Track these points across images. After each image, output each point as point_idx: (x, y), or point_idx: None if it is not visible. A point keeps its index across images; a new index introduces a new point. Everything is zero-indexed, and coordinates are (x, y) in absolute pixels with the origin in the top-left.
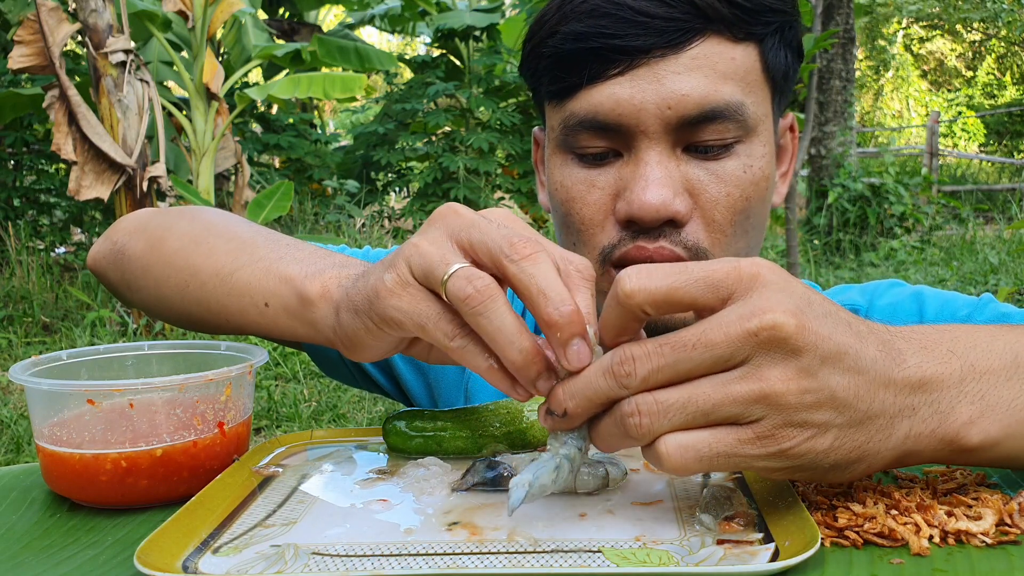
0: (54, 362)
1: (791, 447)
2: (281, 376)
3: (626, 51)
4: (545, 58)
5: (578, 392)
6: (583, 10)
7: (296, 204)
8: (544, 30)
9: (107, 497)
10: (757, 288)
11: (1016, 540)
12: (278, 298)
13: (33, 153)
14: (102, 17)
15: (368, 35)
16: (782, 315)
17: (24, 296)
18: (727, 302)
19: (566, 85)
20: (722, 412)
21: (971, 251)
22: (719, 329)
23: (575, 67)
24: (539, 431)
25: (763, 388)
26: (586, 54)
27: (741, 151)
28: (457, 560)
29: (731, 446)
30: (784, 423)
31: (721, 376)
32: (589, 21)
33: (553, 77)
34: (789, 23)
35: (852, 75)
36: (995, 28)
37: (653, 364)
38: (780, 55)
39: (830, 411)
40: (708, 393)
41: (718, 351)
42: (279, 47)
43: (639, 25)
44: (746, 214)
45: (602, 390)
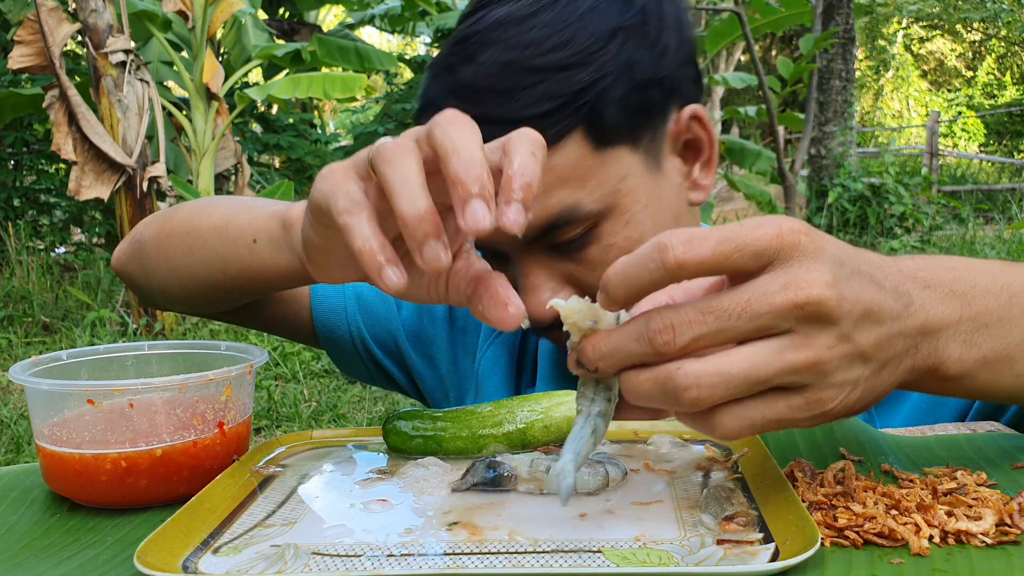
0: (54, 362)
1: (832, 408)
2: (281, 376)
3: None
4: None
5: (609, 355)
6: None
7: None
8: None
9: (107, 497)
10: (797, 257)
11: (1016, 540)
12: (265, 231)
13: (33, 153)
14: (102, 17)
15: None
16: (825, 289)
17: (24, 296)
18: (766, 269)
19: None
20: (776, 381)
21: (971, 251)
22: (763, 300)
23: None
24: (539, 431)
25: (813, 357)
26: None
27: (602, 233)
28: (457, 560)
29: (782, 413)
30: (827, 386)
31: (771, 345)
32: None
33: None
34: (599, 92)
35: (852, 75)
36: (995, 28)
37: (695, 332)
38: (612, 113)
39: (861, 367)
40: (766, 364)
41: (762, 321)
42: (279, 47)
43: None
44: None
45: (636, 354)
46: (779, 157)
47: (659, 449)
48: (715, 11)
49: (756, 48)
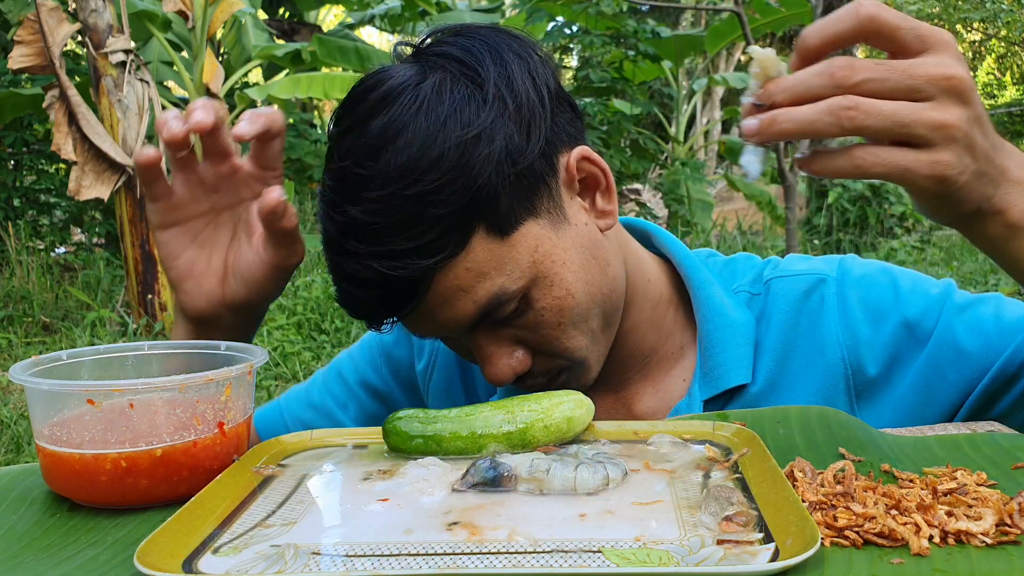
0: (54, 362)
1: (947, 173)
2: (281, 376)
3: (379, 320)
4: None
5: (790, 88)
6: (336, 290)
7: (296, 204)
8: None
9: (107, 497)
10: (949, 52)
11: (1016, 540)
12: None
13: (33, 153)
14: (102, 17)
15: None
16: (966, 77)
17: (24, 296)
18: (922, 53)
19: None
20: (914, 130)
21: (971, 251)
22: (922, 67)
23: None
24: (539, 431)
25: (947, 119)
26: (356, 318)
27: (532, 299)
28: (457, 560)
29: (909, 162)
30: (948, 151)
31: (917, 104)
32: (338, 298)
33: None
34: (486, 194)
35: None
36: (995, 28)
37: (867, 75)
38: (505, 202)
39: (970, 158)
40: (910, 111)
41: (916, 83)
42: (279, 47)
43: (374, 307)
44: (571, 326)
45: (814, 87)
46: (779, 157)
47: (659, 449)
48: (715, 11)
49: None
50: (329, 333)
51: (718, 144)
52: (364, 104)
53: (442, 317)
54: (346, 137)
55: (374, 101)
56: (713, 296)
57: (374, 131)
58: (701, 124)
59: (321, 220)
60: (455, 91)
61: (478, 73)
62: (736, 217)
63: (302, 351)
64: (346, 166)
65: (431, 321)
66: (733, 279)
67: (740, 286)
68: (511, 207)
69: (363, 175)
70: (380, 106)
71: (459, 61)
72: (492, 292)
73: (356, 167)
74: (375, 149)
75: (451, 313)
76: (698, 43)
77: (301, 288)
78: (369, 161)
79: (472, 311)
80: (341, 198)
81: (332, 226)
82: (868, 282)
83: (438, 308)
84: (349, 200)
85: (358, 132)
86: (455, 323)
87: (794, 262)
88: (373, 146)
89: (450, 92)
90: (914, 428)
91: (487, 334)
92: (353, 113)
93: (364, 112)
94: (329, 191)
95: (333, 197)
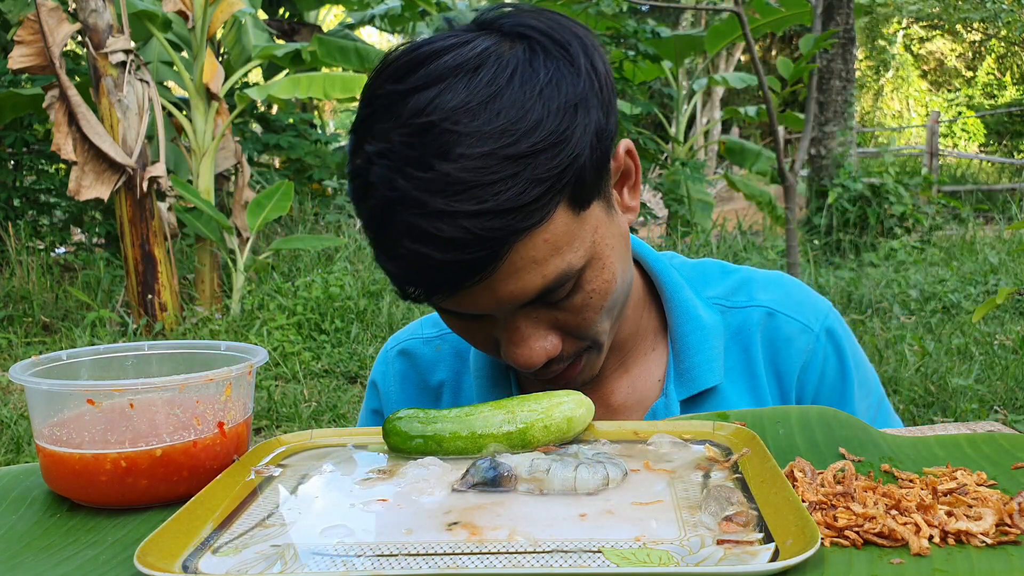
0: (54, 362)
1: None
2: (281, 376)
3: (445, 290)
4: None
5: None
6: (392, 252)
7: (296, 204)
8: (369, 235)
9: (107, 497)
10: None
11: (1016, 540)
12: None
13: (33, 153)
14: (102, 17)
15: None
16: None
17: (24, 296)
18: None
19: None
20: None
21: (971, 251)
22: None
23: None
24: (539, 431)
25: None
26: (410, 285)
27: (584, 281)
28: (457, 560)
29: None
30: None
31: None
32: (402, 264)
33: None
34: (579, 165)
35: (852, 75)
36: (995, 28)
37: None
38: (589, 178)
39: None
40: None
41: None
42: (279, 47)
43: (447, 272)
44: (607, 311)
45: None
46: (779, 157)
47: (659, 449)
48: (715, 11)
49: (756, 48)
50: (329, 333)
51: (718, 144)
52: (439, 64)
53: (503, 290)
54: (418, 95)
55: (456, 63)
56: (685, 299)
57: (463, 93)
58: (701, 124)
59: (384, 178)
60: (548, 62)
61: (567, 48)
62: (736, 217)
63: (302, 351)
64: (432, 122)
65: (488, 295)
66: (703, 284)
67: (715, 297)
68: (590, 183)
69: (457, 132)
70: (466, 66)
71: (546, 35)
72: (561, 269)
73: (447, 123)
74: (470, 108)
75: (516, 286)
76: (698, 43)
77: (301, 288)
78: (465, 119)
79: (537, 286)
80: (426, 154)
81: (410, 184)
82: (842, 358)
83: (505, 279)
84: (439, 156)
85: (436, 90)
86: (513, 298)
87: (775, 289)
88: (467, 105)
89: (543, 63)
90: (914, 428)
91: (528, 316)
92: (425, 73)
93: (440, 72)
94: (404, 147)
95: (411, 154)
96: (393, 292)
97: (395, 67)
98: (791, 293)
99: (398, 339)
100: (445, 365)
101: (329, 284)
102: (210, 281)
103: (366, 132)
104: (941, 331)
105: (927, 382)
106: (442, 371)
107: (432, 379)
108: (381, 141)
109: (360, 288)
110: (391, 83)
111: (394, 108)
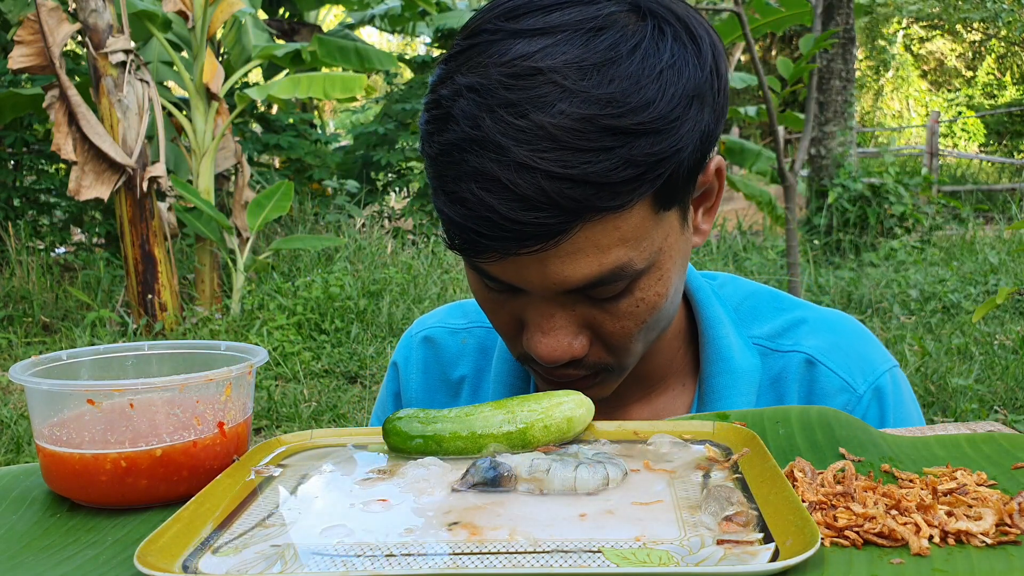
0: (54, 362)
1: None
2: (281, 376)
3: (499, 250)
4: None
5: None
6: (454, 195)
7: (296, 204)
8: (432, 173)
9: (107, 497)
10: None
11: (1016, 540)
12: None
13: (33, 153)
14: (102, 17)
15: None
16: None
17: (24, 296)
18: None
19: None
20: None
21: (971, 251)
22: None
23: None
24: (539, 431)
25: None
26: (463, 235)
27: (637, 287)
28: (457, 560)
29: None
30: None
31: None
32: (461, 210)
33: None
34: (678, 162)
35: (852, 75)
36: (995, 28)
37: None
38: (681, 180)
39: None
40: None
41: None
42: (279, 47)
43: (508, 230)
44: (646, 329)
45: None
46: (779, 157)
47: (659, 449)
48: (715, 11)
49: (756, 48)
50: (329, 333)
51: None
52: (561, 15)
53: (555, 269)
54: (537, 40)
55: (579, 19)
56: (721, 338)
57: (581, 48)
58: None
59: (470, 114)
60: (675, 46)
61: (698, 40)
62: (736, 217)
63: (302, 351)
64: (539, 68)
65: (538, 269)
66: (751, 321)
67: (759, 338)
68: (680, 185)
69: (564, 87)
70: (589, 25)
71: (680, 20)
72: (621, 262)
73: (556, 75)
74: (583, 66)
75: (570, 268)
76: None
77: (301, 288)
78: (575, 75)
79: (592, 273)
80: (525, 100)
81: (497, 127)
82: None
83: (562, 257)
84: (538, 107)
85: (548, 40)
86: (563, 279)
87: (826, 334)
88: (581, 62)
89: (671, 45)
90: (914, 428)
91: (566, 306)
92: (544, 19)
93: (563, 22)
94: (500, 87)
95: (508, 96)
96: (392, 293)
97: (512, 5)
98: (844, 342)
99: (424, 323)
100: (469, 360)
101: (329, 284)
102: (210, 281)
103: (463, 63)
104: (941, 331)
105: (927, 382)
106: (464, 366)
107: (454, 373)
108: (477, 76)
109: (360, 288)
110: (503, 20)
111: (500, 45)
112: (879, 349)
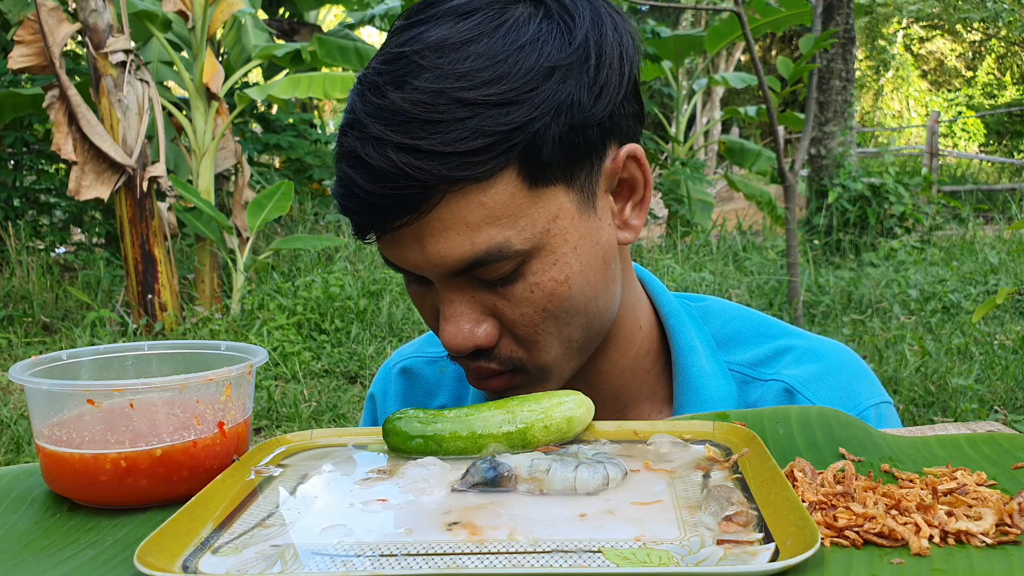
0: (54, 362)
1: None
2: (281, 376)
3: (372, 225)
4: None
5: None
6: (336, 178)
7: (296, 204)
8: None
9: (107, 497)
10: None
11: (1016, 540)
12: None
13: (33, 153)
14: (102, 17)
15: (368, 35)
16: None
17: (24, 296)
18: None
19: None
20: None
21: (971, 251)
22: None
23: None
24: (539, 431)
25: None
26: (344, 215)
27: (528, 271)
28: (457, 560)
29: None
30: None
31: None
32: (338, 189)
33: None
34: (534, 132)
35: (852, 75)
36: (995, 28)
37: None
38: (548, 153)
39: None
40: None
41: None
42: (279, 47)
43: (372, 204)
44: (552, 320)
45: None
46: (779, 157)
47: (659, 449)
48: (715, 11)
49: (756, 48)
50: (329, 333)
51: (718, 144)
52: (442, 7)
53: (431, 248)
54: (411, 29)
55: (455, 5)
56: (692, 366)
57: (445, 30)
58: (701, 124)
59: (351, 101)
60: (543, 25)
61: (573, 19)
62: (736, 217)
63: (302, 351)
64: (404, 52)
65: (417, 249)
66: (733, 347)
67: (738, 364)
68: (550, 162)
69: (419, 65)
70: (462, 10)
71: (559, 2)
72: (495, 241)
73: (415, 55)
74: (442, 46)
75: (443, 247)
76: (698, 43)
77: (301, 288)
78: (431, 54)
79: (466, 253)
80: (385, 81)
81: (363, 107)
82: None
83: (432, 235)
84: (394, 85)
85: (426, 27)
86: (440, 260)
87: (811, 363)
88: (440, 43)
89: (538, 24)
90: (914, 428)
91: (463, 291)
92: (426, 11)
93: (440, 12)
94: (373, 73)
95: (376, 80)
96: (392, 293)
97: (410, 9)
98: (829, 373)
99: (402, 354)
100: (447, 389)
101: (329, 284)
102: (210, 281)
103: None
104: (941, 331)
105: (927, 382)
106: (443, 395)
107: (432, 403)
108: (367, 69)
109: (360, 288)
110: (400, 20)
111: (389, 40)
112: (869, 383)
